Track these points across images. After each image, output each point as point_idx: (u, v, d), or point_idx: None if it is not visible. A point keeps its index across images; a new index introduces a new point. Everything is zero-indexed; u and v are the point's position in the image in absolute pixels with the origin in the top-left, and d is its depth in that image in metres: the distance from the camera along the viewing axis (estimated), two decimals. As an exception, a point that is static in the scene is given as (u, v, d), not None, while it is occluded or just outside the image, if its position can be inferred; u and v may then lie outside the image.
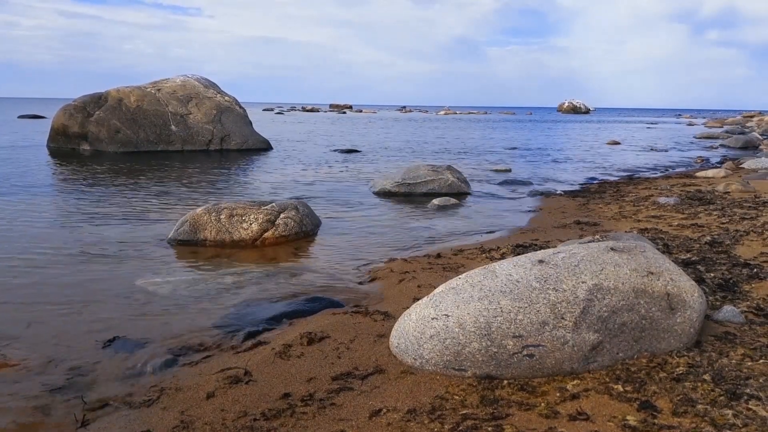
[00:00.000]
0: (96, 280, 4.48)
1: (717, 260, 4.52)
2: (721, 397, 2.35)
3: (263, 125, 24.95)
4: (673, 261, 3.52)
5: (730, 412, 2.24)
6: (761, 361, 2.69)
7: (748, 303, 3.53)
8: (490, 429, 2.23)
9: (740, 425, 2.16)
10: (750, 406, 2.27)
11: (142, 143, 14.98)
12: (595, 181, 11.01)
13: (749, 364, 2.66)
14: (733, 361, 2.70)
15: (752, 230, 5.67)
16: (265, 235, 5.72)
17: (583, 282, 2.76)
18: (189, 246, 5.57)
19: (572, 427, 2.23)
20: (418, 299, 3.24)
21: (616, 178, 11.47)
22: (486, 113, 79.98)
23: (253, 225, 5.72)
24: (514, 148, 19.05)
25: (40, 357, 3.11)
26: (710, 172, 11.12)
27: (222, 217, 5.73)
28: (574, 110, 79.04)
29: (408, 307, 3.15)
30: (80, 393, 2.72)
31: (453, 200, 8.27)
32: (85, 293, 4.16)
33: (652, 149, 19.46)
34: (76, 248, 5.40)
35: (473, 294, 2.79)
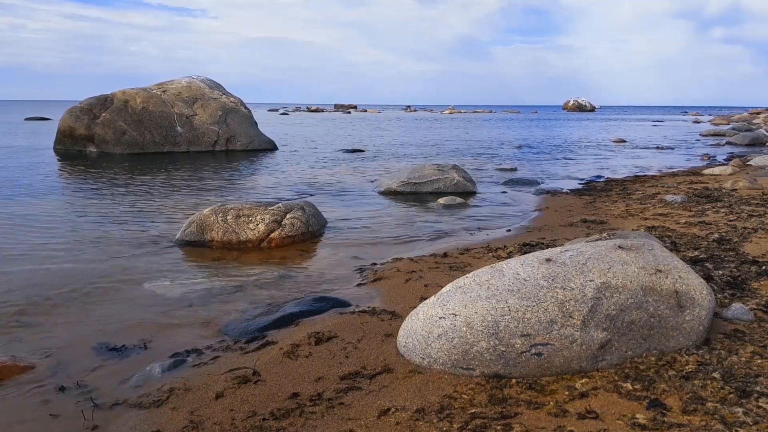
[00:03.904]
0: (103, 281, 4.50)
1: (725, 258, 4.50)
2: (731, 395, 2.34)
3: (268, 126, 24.99)
4: (680, 259, 3.51)
5: (740, 410, 2.23)
6: (771, 358, 2.68)
7: (757, 300, 3.51)
8: (498, 428, 2.23)
9: (750, 423, 2.15)
10: (760, 404, 2.27)
11: (148, 145, 15.04)
12: (601, 180, 10.97)
13: (759, 361, 2.65)
14: (743, 358, 2.69)
15: (760, 227, 5.64)
16: (272, 235, 5.73)
17: (591, 280, 2.76)
18: (196, 247, 5.59)
19: (581, 426, 2.22)
20: (425, 298, 3.25)
21: (623, 176, 11.42)
22: (491, 112, 79.82)
23: (259, 225, 5.74)
24: (520, 147, 19.01)
25: (49, 360, 3.13)
26: (717, 170, 11.06)
27: (229, 217, 5.75)
28: (580, 108, 78.77)
29: (415, 307, 3.16)
30: (90, 395, 2.73)
31: (459, 199, 8.26)
32: (93, 295, 4.19)
33: (658, 147, 19.36)
34: (83, 250, 5.43)
35: (481, 293, 2.79)
